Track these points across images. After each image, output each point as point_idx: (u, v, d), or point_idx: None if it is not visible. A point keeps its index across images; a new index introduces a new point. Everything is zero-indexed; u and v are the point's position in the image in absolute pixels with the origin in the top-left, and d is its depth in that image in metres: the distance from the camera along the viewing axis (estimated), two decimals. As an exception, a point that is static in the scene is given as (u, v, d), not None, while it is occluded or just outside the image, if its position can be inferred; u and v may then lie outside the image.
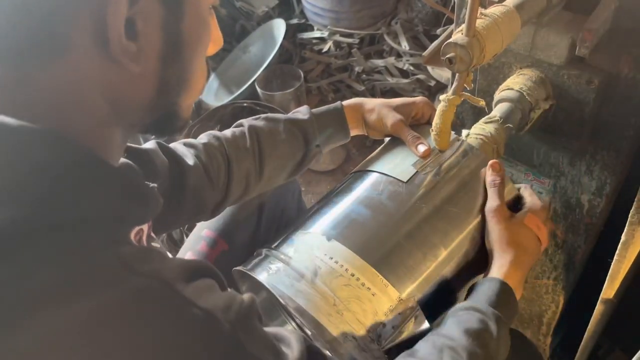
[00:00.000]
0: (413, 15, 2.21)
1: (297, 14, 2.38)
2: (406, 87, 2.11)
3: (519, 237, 0.75)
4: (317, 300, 0.66)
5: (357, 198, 0.78)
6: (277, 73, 2.18)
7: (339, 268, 0.68)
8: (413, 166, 0.80)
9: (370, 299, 0.67)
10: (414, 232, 0.73)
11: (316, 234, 0.74)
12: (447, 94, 0.77)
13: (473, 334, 0.64)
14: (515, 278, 0.72)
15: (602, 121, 0.88)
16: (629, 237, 0.84)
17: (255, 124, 0.86)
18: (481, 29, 0.69)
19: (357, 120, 0.90)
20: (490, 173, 0.78)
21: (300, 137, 0.86)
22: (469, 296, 0.72)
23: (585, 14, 0.80)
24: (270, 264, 0.72)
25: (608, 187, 0.95)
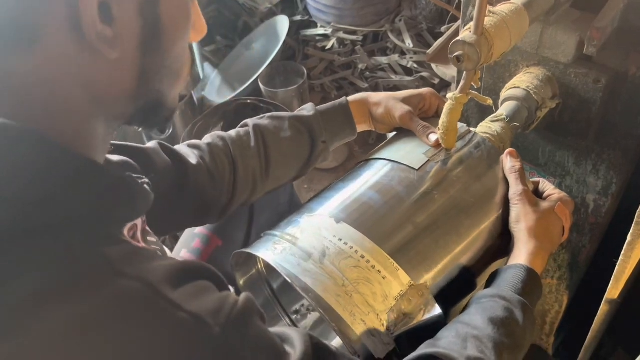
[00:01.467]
0: (417, 12, 2.20)
1: (301, 10, 2.37)
2: (410, 84, 2.10)
3: (548, 223, 0.74)
4: (324, 280, 0.64)
5: (366, 183, 0.76)
6: (280, 70, 2.18)
7: (348, 249, 0.66)
8: (425, 154, 0.78)
9: (380, 282, 0.65)
10: (426, 219, 0.72)
11: (324, 215, 0.72)
12: (454, 92, 0.76)
13: (498, 322, 0.63)
14: (540, 264, 0.71)
15: (609, 120, 0.88)
16: (635, 237, 0.83)
17: (260, 122, 0.85)
18: (489, 27, 0.68)
19: (363, 115, 0.89)
20: (510, 160, 0.78)
21: (306, 134, 0.85)
22: (493, 282, 0.70)
23: (593, 12, 0.79)
24: (275, 245, 0.70)
25: (614, 187, 0.95)
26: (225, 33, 2.39)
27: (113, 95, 0.48)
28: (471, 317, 0.65)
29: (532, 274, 0.69)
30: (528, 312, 0.66)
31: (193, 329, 0.43)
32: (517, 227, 0.74)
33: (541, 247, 0.72)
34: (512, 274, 0.69)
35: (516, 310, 0.65)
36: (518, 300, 0.66)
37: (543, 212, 0.74)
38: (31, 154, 0.41)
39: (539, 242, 0.72)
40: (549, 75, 0.88)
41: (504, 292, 0.67)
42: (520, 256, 0.71)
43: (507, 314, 0.64)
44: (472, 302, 0.68)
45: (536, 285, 0.69)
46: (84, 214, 0.44)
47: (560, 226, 0.76)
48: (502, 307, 0.65)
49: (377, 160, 0.80)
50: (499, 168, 0.79)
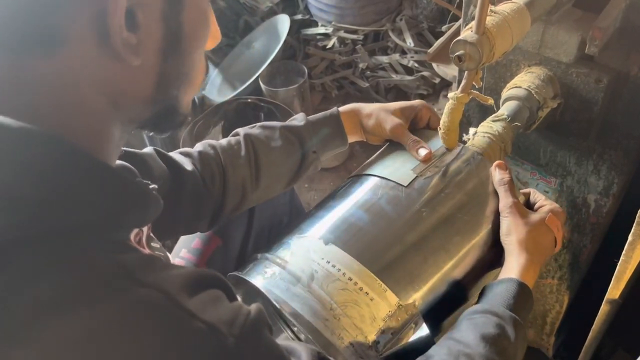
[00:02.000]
0: (418, 11, 2.20)
1: (302, 9, 2.37)
2: (410, 84, 2.10)
3: (539, 234, 0.74)
4: (313, 304, 0.64)
5: (355, 202, 0.76)
6: (281, 69, 2.17)
7: (336, 272, 0.67)
8: (413, 170, 0.78)
9: (368, 304, 0.65)
10: (414, 237, 0.71)
11: (313, 237, 0.72)
12: (455, 91, 0.76)
13: (490, 340, 0.62)
14: (532, 277, 0.71)
15: (611, 120, 0.88)
16: (636, 237, 0.83)
17: (251, 132, 0.85)
18: (491, 27, 0.68)
19: (354, 126, 0.88)
20: (498, 172, 0.77)
21: (296, 143, 0.85)
22: (484, 297, 0.70)
23: (595, 12, 0.79)
24: (265, 268, 0.70)
25: (615, 187, 0.95)
26: (226, 32, 2.38)
27: (131, 100, 0.48)
28: (463, 334, 0.64)
29: (524, 288, 0.69)
30: (519, 328, 0.65)
31: (209, 338, 0.42)
32: (508, 239, 0.73)
33: (532, 260, 0.71)
34: (504, 289, 0.68)
35: (508, 327, 0.64)
36: (510, 317, 0.65)
37: (533, 224, 0.74)
38: (49, 156, 0.41)
39: (529, 255, 0.71)
40: (551, 75, 0.87)
41: (495, 308, 0.66)
42: (512, 270, 0.70)
43: (498, 331, 0.64)
44: (464, 317, 0.67)
45: (527, 299, 0.69)
46: (97, 219, 0.44)
47: (552, 237, 0.76)
48: (494, 323, 0.64)
49: (367, 177, 0.80)
50: (489, 181, 0.78)
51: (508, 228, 0.74)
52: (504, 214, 0.75)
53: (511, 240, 0.73)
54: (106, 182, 0.45)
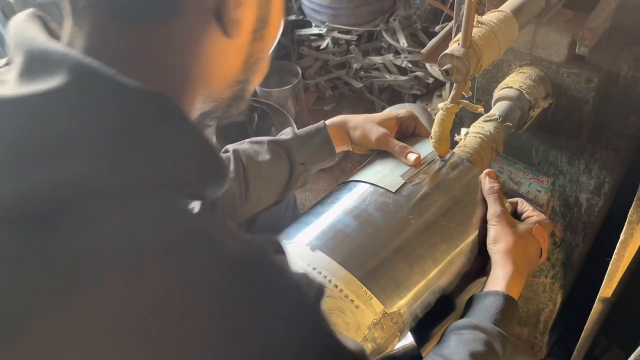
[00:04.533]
0: (411, 12, 2.20)
1: (295, 10, 2.37)
2: (404, 84, 2.11)
3: (526, 245, 0.74)
4: None
5: (343, 208, 0.76)
6: (275, 70, 2.17)
7: (322, 279, 0.66)
8: (402, 177, 0.78)
9: (353, 312, 0.65)
10: (401, 244, 0.71)
11: (300, 243, 0.71)
12: (445, 102, 0.76)
13: (479, 358, 0.63)
14: (518, 288, 0.71)
15: (601, 120, 0.88)
16: (627, 235, 0.84)
17: (239, 147, 0.86)
18: (477, 39, 0.68)
19: (341, 138, 0.89)
20: (488, 181, 0.77)
21: (284, 157, 0.85)
22: (472, 310, 0.69)
23: (585, 12, 0.80)
24: None
25: (607, 186, 0.95)
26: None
27: (220, 75, 0.52)
28: (451, 351, 0.64)
29: (510, 301, 0.69)
30: (507, 343, 0.66)
31: (296, 294, 0.45)
32: (495, 248, 0.73)
33: (518, 271, 0.71)
34: (491, 302, 0.68)
35: (496, 344, 0.64)
36: (497, 333, 0.65)
37: (520, 234, 0.74)
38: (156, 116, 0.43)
39: (515, 266, 0.71)
40: (542, 75, 0.88)
41: (483, 324, 0.66)
42: (498, 281, 0.70)
43: (487, 348, 0.64)
44: (451, 332, 0.67)
45: (514, 312, 0.69)
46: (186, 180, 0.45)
47: (538, 248, 0.76)
48: (482, 340, 0.64)
49: (356, 183, 0.80)
50: (477, 189, 0.78)
51: (495, 237, 0.74)
52: (492, 223, 0.75)
53: (498, 249, 0.73)
54: (201, 148, 0.47)
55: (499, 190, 0.77)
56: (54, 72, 0.41)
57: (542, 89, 0.88)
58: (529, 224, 0.77)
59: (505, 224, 0.74)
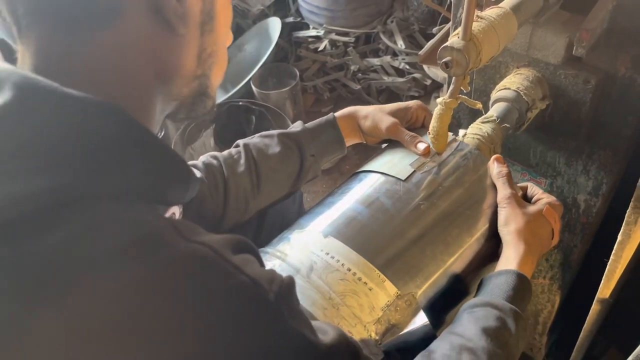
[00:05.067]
0: (409, 13, 2.21)
1: (293, 12, 2.37)
2: (402, 86, 2.11)
3: (537, 225, 0.74)
4: (312, 294, 0.65)
5: (354, 197, 0.77)
6: (273, 72, 2.17)
7: (335, 263, 0.68)
8: (411, 165, 0.79)
9: (367, 294, 0.66)
10: (412, 229, 0.72)
11: (313, 231, 0.73)
12: (444, 97, 0.76)
13: (492, 333, 0.63)
14: (530, 267, 0.71)
15: (599, 121, 0.88)
16: (625, 236, 0.84)
17: (250, 141, 0.88)
18: (477, 32, 0.68)
19: (352, 129, 0.90)
20: (497, 165, 0.79)
21: (294, 148, 0.87)
22: (484, 289, 0.70)
23: (582, 14, 0.80)
24: (266, 262, 0.71)
25: (605, 187, 0.95)
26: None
27: (176, 71, 0.52)
28: (464, 328, 0.65)
29: (523, 279, 0.69)
30: (520, 320, 0.66)
31: (253, 291, 0.45)
32: (506, 229, 0.74)
33: (530, 251, 0.72)
34: (503, 281, 0.69)
35: (508, 320, 0.65)
36: (510, 309, 0.66)
37: (531, 215, 0.75)
38: (107, 123, 0.44)
39: (527, 246, 0.72)
40: (539, 76, 0.88)
41: (495, 301, 0.66)
42: (510, 261, 0.71)
43: (499, 324, 0.64)
44: (464, 310, 0.68)
45: (527, 290, 0.69)
46: (146, 186, 0.46)
47: (549, 229, 0.76)
48: (495, 316, 0.65)
49: (367, 173, 0.81)
50: (486, 175, 0.79)
51: (506, 218, 0.75)
52: (502, 205, 0.76)
53: (509, 231, 0.74)
54: (155, 152, 0.47)
55: (508, 174, 0.78)
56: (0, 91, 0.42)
57: (540, 90, 0.88)
58: (539, 204, 0.77)
59: (515, 206, 0.75)
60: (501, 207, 0.76)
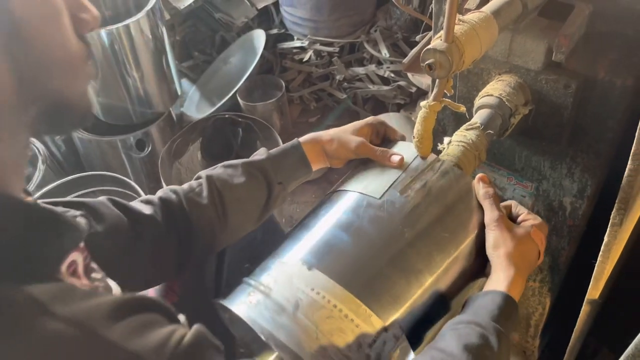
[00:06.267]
0: (392, 22, 2.22)
1: (277, 24, 2.38)
2: (388, 94, 2.12)
3: (526, 249, 0.75)
4: (298, 334, 0.64)
5: (336, 222, 0.75)
6: (259, 83, 2.18)
7: (320, 299, 0.66)
8: (394, 188, 0.77)
9: (353, 331, 0.65)
10: (396, 258, 0.71)
11: (296, 262, 0.71)
12: (427, 100, 0.77)
13: (474, 350, 0.63)
14: (519, 291, 0.72)
15: (581, 124, 0.89)
16: (611, 238, 0.85)
17: (212, 173, 0.84)
18: (460, 35, 0.69)
19: (317, 154, 0.89)
20: (482, 186, 0.78)
21: (260, 177, 0.84)
22: (470, 307, 0.70)
23: (560, 20, 0.81)
24: (249, 296, 0.69)
25: (589, 189, 0.97)
26: (203, 48, 2.38)
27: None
28: (446, 344, 0.65)
29: (509, 300, 0.69)
30: (503, 338, 0.66)
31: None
32: (496, 253, 0.74)
33: (519, 274, 0.72)
34: (490, 300, 0.69)
35: (491, 337, 0.65)
36: (493, 327, 0.66)
37: (520, 238, 0.75)
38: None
39: (516, 269, 0.72)
40: (521, 82, 0.89)
41: (479, 319, 0.67)
42: (499, 283, 0.71)
43: (482, 341, 0.64)
44: (448, 327, 0.68)
45: (513, 312, 0.69)
46: (7, 252, 0.42)
47: (537, 251, 0.77)
48: (478, 334, 0.65)
49: (346, 193, 0.80)
50: (469, 194, 0.78)
51: (496, 242, 0.74)
52: (491, 228, 0.75)
53: (499, 254, 0.73)
54: (9, 213, 0.43)
55: (494, 195, 0.77)
56: None
57: (522, 96, 0.89)
58: (526, 227, 0.77)
59: (504, 229, 0.75)
60: (490, 229, 0.75)
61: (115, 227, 0.72)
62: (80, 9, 0.51)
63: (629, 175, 0.77)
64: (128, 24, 1.65)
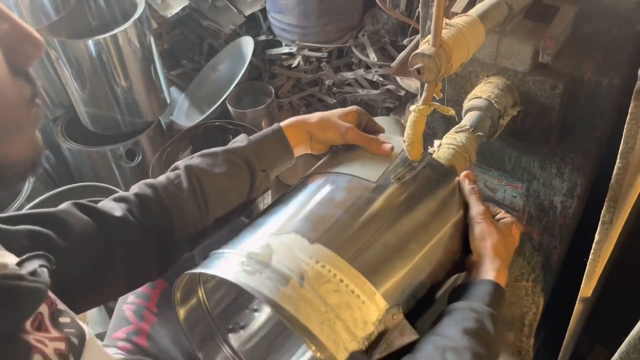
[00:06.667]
0: (379, 27, 2.24)
1: (265, 30, 2.38)
2: (377, 97, 2.13)
3: (509, 241, 0.79)
4: (306, 307, 0.62)
5: (330, 201, 0.74)
6: (248, 90, 2.18)
7: (326, 273, 0.64)
8: (387, 174, 0.78)
9: (360, 307, 0.64)
10: (394, 240, 0.72)
11: (294, 235, 0.69)
12: (417, 104, 0.77)
13: (472, 333, 0.65)
14: (504, 280, 0.75)
15: (569, 124, 0.90)
16: (602, 236, 0.86)
17: (191, 162, 0.80)
18: (447, 39, 0.69)
19: (300, 138, 0.86)
20: (467, 183, 0.81)
21: (242, 165, 0.80)
22: (463, 295, 0.72)
23: (546, 22, 0.82)
24: (245, 266, 0.65)
25: (579, 188, 0.97)
26: (191, 56, 2.38)
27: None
28: (445, 329, 0.67)
29: (499, 287, 0.73)
30: (497, 322, 0.69)
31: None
32: (483, 244, 0.77)
33: (504, 264, 0.75)
34: (481, 288, 0.72)
35: (486, 321, 0.68)
36: (487, 311, 0.69)
37: (504, 232, 0.78)
38: None
39: (501, 259, 0.75)
40: (509, 84, 0.90)
41: (473, 305, 0.69)
42: (488, 273, 0.74)
43: (478, 325, 0.67)
44: (444, 314, 0.71)
45: (502, 298, 0.73)
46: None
47: (515, 244, 0.82)
48: (473, 318, 0.67)
49: (338, 175, 0.79)
50: (456, 189, 0.81)
51: (482, 233, 0.77)
52: (477, 220, 0.77)
53: (486, 245, 0.76)
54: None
55: (479, 191, 0.80)
56: None
57: (510, 98, 0.90)
58: (507, 222, 0.81)
59: (490, 222, 0.78)
60: (476, 222, 0.77)
61: (85, 236, 0.68)
62: (22, 39, 0.43)
63: (617, 174, 0.78)
64: (115, 33, 1.64)
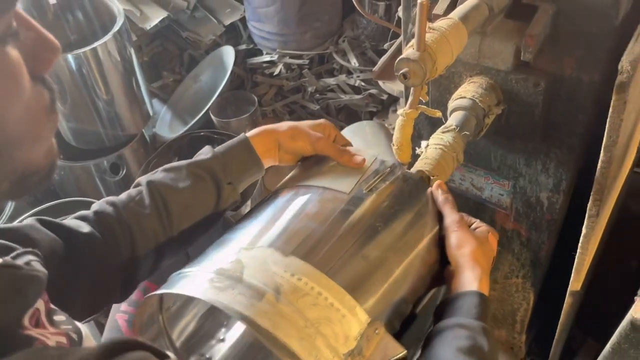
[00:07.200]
0: (359, 32, 2.25)
1: (245, 39, 2.38)
2: (359, 102, 2.14)
3: (487, 248, 0.76)
4: (283, 322, 0.58)
5: (303, 213, 0.72)
6: (231, 100, 2.18)
7: (303, 286, 0.61)
8: (359, 185, 0.76)
9: (340, 321, 0.61)
10: (372, 252, 0.69)
11: (266, 249, 0.66)
12: (404, 108, 0.78)
13: (466, 351, 0.63)
14: (487, 288, 0.72)
15: (552, 121, 0.92)
16: (589, 229, 0.87)
17: (153, 178, 0.77)
18: (431, 43, 0.70)
19: (267, 147, 0.83)
20: (441, 192, 0.79)
21: (208, 178, 0.77)
22: (448, 311, 0.70)
23: (526, 21, 0.83)
24: (213, 282, 0.61)
25: (564, 183, 0.99)
26: (172, 68, 2.37)
27: None
28: (438, 351, 0.64)
29: (484, 297, 0.70)
30: (489, 335, 0.66)
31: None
32: (460, 252, 0.74)
33: (484, 272, 0.72)
34: (467, 301, 0.69)
35: (478, 337, 0.65)
36: (478, 326, 0.66)
37: (481, 239, 0.76)
38: None
39: (481, 267, 0.72)
40: (492, 83, 0.91)
41: (461, 320, 0.66)
42: (470, 282, 0.71)
43: (471, 342, 0.64)
44: (432, 336, 0.67)
45: (488, 309, 0.70)
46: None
47: (493, 253, 0.79)
48: (465, 335, 0.64)
49: (309, 187, 0.77)
50: (428, 200, 0.79)
51: (459, 241, 0.74)
52: (453, 229, 0.75)
53: (463, 253, 0.73)
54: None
55: (453, 201, 0.78)
56: None
57: (494, 97, 0.91)
58: (483, 231, 0.79)
59: (466, 229, 0.76)
60: (452, 230, 0.75)
61: (51, 252, 0.65)
62: (42, 45, 0.44)
63: (602, 167, 0.80)
64: (95, 47, 1.63)
